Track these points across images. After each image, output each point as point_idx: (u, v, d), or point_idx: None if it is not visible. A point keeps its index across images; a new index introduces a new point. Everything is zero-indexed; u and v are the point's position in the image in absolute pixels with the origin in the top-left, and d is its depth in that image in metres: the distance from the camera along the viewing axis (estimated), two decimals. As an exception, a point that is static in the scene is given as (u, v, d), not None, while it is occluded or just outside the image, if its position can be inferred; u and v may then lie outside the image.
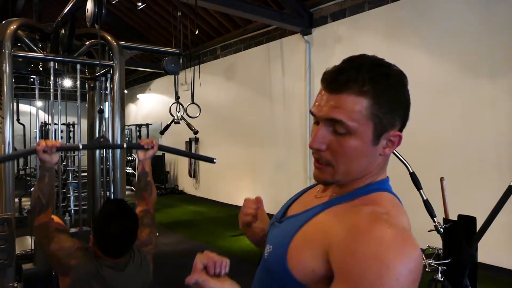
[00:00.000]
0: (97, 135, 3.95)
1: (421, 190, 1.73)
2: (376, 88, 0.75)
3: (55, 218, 1.71)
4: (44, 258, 2.98)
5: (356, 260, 0.66)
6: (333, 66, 0.82)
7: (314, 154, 0.81)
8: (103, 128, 3.72)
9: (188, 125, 4.28)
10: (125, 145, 2.18)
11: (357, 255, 0.66)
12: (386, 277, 0.64)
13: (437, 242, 1.69)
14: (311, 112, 0.82)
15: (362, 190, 0.80)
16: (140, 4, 6.12)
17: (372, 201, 0.77)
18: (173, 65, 3.72)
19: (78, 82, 3.37)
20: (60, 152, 1.73)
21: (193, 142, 9.77)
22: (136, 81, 12.58)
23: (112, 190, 3.50)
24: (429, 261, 1.60)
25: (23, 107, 11.70)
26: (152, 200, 1.94)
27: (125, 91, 3.61)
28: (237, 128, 8.39)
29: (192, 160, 9.85)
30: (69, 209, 3.88)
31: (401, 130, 0.81)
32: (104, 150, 3.74)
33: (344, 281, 0.67)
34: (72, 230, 3.37)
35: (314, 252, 0.73)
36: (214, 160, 2.05)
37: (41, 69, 3.47)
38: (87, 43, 3.46)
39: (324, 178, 0.81)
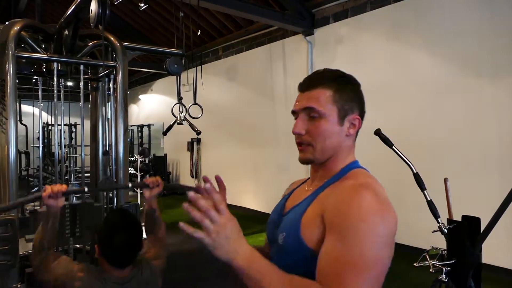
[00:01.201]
0: (100, 136, 3.96)
1: (425, 191, 1.73)
2: (337, 83, 1.01)
3: (52, 254, 1.71)
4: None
5: (343, 216, 0.85)
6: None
7: (297, 139, 1.04)
8: (109, 164, 3.72)
9: (191, 125, 4.28)
10: (130, 185, 2.22)
11: (343, 211, 0.86)
12: (366, 229, 0.82)
13: (441, 242, 1.68)
14: (292, 111, 1.06)
15: (340, 173, 1.02)
16: (142, 5, 6.13)
17: (351, 176, 0.99)
18: (175, 65, 3.73)
19: (81, 83, 3.37)
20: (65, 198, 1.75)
21: (195, 143, 9.77)
22: (138, 82, 12.60)
23: (114, 192, 3.51)
24: (433, 262, 1.59)
25: (26, 107, 11.73)
26: (161, 236, 1.96)
27: (127, 92, 3.61)
28: (239, 128, 8.40)
29: (194, 161, 9.86)
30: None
31: (361, 117, 1.04)
32: (107, 147, 3.75)
33: (332, 233, 0.86)
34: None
35: (316, 222, 0.92)
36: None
37: (44, 70, 3.48)
38: (90, 44, 3.47)
39: (306, 157, 1.04)
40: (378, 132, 1.76)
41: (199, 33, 5.33)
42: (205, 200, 0.85)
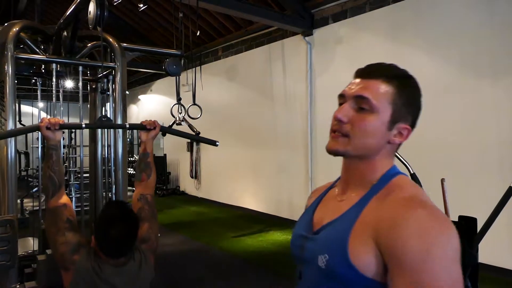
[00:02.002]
0: (99, 136, 3.96)
1: (422, 191, 1.73)
2: (400, 82, 0.90)
3: (68, 204, 1.70)
4: (47, 274, 3.00)
5: (404, 244, 0.75)
6: None
7: (335, 126, 0.91)
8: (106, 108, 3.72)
9: (190, 126, 4.29)
10: (127, 125, 2.19)
11: (404, 239, 0.76)
12: (435, 253, 0.73)
13: (438, 243, 1.69)
14: (341, 94, 0.93)
15: (381, 182, 0.90)
16: (141, 5, 6.15)
17: (397, 186, 0.88)
18: (174, 66, 3.73)
19: (80, 84, 3.38)
20: (63, 131, 1.74)
21: (194, 143, 9.78)
22: (138, 82, 12.60)
23: (114, 191, 3.51)
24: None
25: (25, 108, 11.74)
26: (150, 184, 1.92)
27: (127, 92, 3.62)
28: (239, 129, 8.40)
29: (194, 161, 9.87)
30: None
31: (411, 127, 0.93)
32: (106, 149, 3.75)
33: (399, 268, 0.76)
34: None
35: (369, 247, 0.82)
36: (217, 143, 2.06)
37: (43, 70, 3.48)
38: (89, 45, 3.47)
39: (336, 148, 0.91)
40: (375, 133, 1.76)
41: (198, 34, 5.33)
42: None
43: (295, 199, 6.93)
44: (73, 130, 10.73)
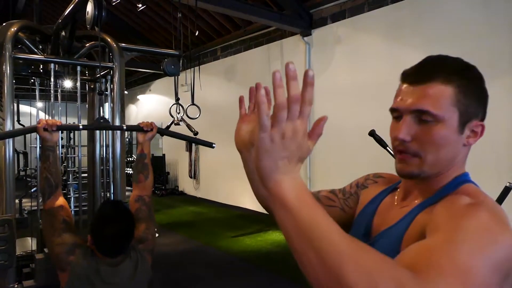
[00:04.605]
0: (97, 136, 3.96)
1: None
2: (462, 78, 0.77)
3: (65, 205, 1.71)
4: (45, 274, 3.01)
5: (451, 219, 0.65)
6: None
7: (399, 146, 0.79)
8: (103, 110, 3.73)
9: (188, 126, 4.28)
10: (124, 127, 2.20)
11: (453, 217, 0.65)
12: (482, 242, 0.59)
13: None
14: (392, 108, 0.81)
15: (450, 186, 0.79)
16: (140, 5, 6.15)
17: (465, 192, 0.75)
18: (172, 66, 3.73)
19: (78, 84, 3.38)
20: (60, 132, 1.76)
21: (193, 143, 9.78)
22: (137, 82, 12.60)
23: (112, 191, 3.52)
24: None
25: (24, 108, 11.72)
26: (148, 185, 1.94)
27: (125, 92, 3.62)
28: (237, 129, 8.40)
29: (193, 161, 9.87)
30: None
31: (483, 120, 0.80)
32: (105, 149, 3.76)
33: (434, 231, 0.65)
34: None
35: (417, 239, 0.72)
36: (213, 145, 2.08)
37: (41, 70, 3.49)
38: (88, 45, 3.48)
39: (409, 170, 0.79)
40: (372, 133, 1.77)
41: (197, 34, 5.34)
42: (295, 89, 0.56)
43: (294, 199, 6.92)
44: (72, 130, 10.71)
